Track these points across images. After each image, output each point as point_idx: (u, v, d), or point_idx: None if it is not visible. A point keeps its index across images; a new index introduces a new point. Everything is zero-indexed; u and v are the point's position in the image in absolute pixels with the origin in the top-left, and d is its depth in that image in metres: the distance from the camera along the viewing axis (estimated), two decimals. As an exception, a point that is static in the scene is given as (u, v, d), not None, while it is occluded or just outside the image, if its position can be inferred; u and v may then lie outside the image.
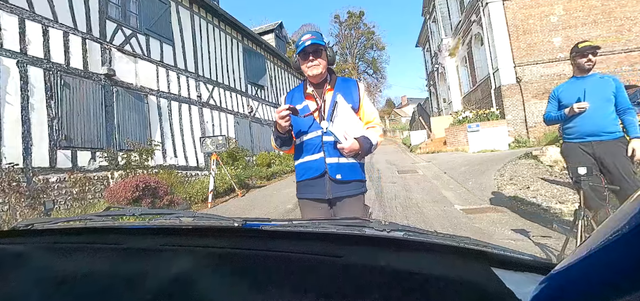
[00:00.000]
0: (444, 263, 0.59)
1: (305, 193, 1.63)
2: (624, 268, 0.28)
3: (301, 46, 1.54)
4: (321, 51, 1.56)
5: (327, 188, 1.56)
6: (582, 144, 2.50)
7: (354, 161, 1.57)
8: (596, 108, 2.40)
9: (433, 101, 23.17)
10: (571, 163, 2.52)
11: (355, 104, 1.59)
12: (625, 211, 0.30)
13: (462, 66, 16.55)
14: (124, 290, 0.63)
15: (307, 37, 1.54)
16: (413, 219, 4.15)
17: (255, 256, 0.67)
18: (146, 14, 7.87)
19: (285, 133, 1.56)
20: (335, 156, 1.54)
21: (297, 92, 1.69)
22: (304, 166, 1.61)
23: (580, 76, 2.55)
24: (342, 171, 1.55)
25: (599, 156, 2.42)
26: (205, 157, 8.90)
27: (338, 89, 1.60)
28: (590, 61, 2.47)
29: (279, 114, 1.46)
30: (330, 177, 1.54)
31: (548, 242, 2.91)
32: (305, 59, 1.56)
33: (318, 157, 1.56)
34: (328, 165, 1.54)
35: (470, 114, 12.45)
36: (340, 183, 1.55)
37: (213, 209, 6.13)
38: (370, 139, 1.55)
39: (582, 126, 2.48)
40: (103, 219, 0.98)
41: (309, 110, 1.59)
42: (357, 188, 1.59)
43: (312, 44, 1.52)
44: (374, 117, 1.64)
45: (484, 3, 12.11)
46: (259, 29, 17.15)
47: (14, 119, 5.10)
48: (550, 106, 2.73)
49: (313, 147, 1.57)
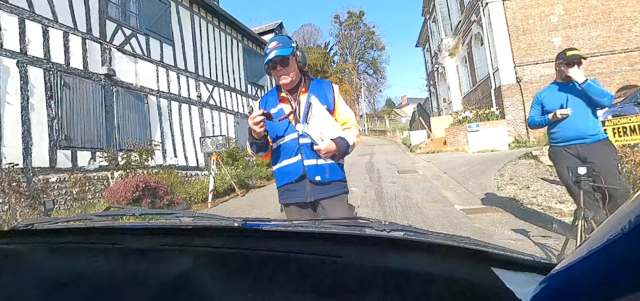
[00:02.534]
0: (444, 263, 0.59)
1: (287, 197, 1.60)
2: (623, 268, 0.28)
3: (267, 58, 1.52)
4: (288, 59, 1.52)
5: (307, 191, 1.53)
6: (567, 147, 2.57)
7: (332, 162, 1.54)
8: (578, 113, 2.50)
9: (433, 101, 23.18)
10: (560, 165, 2.60)
11: (330, 105, 1.57)
12: (625, 211, 0.30)
13: (462, 66, 16.55)
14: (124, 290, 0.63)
15: (272, 46, 1.52)
16: (413, 219, 4.15)
17: (256, 256, 0.67)
18: (146, 14, 7.87)
19: (261, 139, 1.54)
20: (312, 158, 1.52)
21: (271, 97, 1.67)
22: (282, 171, 1.59)
23: (562, 82, 2.62)
24: (321, 172, 1.52)
25: (584, 157, 2.49)
26: (205, 157, 8.90)
27: (312, 90, 1.58)
28: None
29: (253, 120, 1.42)
30: (310, 179, 1.52)
31: (548, 242, 2.91)
32: (274, 69, 1.54)
33: (295, 160, 1.54)
34: (306, 167, 1.52)
35: (470, 114, 12.45)
36: (320, 184, 1.52)
37: (213, 209, 6.13)
38: (346, 139, 1.53)
39: (566, 131, 2.56)
40: (103, 219, 0.98)
41: (284, 113, 1.58)
42: (338, 188, 1.57)
43: (277, 56, 1.49)
44: (349, 118, 1.63)
45: (484, 3, 12.11)
46: (259, 29, 17.14)
47: (14, 119, 5.10)
48: (534, 111, 2.81)
49: (290, 150, 1.55)
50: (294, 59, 1.55)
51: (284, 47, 1.51)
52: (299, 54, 1.57)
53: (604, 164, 2.39)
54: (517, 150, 9.65)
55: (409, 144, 16.41)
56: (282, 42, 1.53)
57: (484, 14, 12.31)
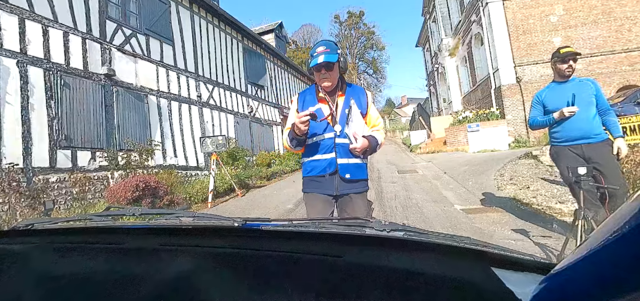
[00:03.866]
0: (444, 263, 0.59)
1: (313, 188, 1.73)
2: (623, 267, 0.28)
3: (314, 62, 1.63)
4: (333, 65, 1.64)
5: (335, 185, 1.68)
6: (571, 147, 2.54)
7: (361, 162, 1.71)
8: (582, 112, 2.46)
9: (433, 101, 23.18)
10: (561, 165, 2.57)
11: (364, 110, 1.73)
12: (625, 211, 0.30)
13: (462, 65, 16.55)
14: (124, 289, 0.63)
15: (320, 51, 1.63)
16: (413, 219, 4.15)
17: (256, 256, 0.67)
18: (146, 14, 7.87)
19: (303, 135, 1.65)
20: (345, 157, 1.67)
21: (309, 95, 1.78)
22: (313, 164, 1.72)
23: (562, 81, 2.61)
24: (351, 170, 1.68)
25: (589, 157, 2.46)
26: (205, 157, 8.90)
27: (349, 95, 1.72)
28: (571, 68, 2.54)
29: (300, 120, 1.55)
30: (341, 176, 1.66)
31: (548, 242, 2.91)
32: (318, 71, 1.66)
33: (330, 157, 1.67)
34: (339, 165, 1.66)
35: (470, 114, 12.46)
36: (348, 181, 1.67)
37: (213, 209, 6.12)
38: (376, 138, 1.71)
39: (571, 130, 2.53)
40: (103, 219, 0.98)
41: (322, 112, 1.70)
42: (363, 186, 1.73)
43: (324, 61, 1.61)
44: (379, 121, 1.80)
45: (484, 3, 12.11)
46: (259, 29, 17.14)
47: (14, 119, 5.09)
48: (535, 111, 2.78)
49: (326, 147, 1.68)
50: (337, 65, 1.67)
51: (331, 54, 1.64)
52: (342, 61, 1.70)
53: (609, 165, 2.37)
54: (517, 150, 9.65)
55: (409, 144, 16.41)
56: (329, 48, 1.65)
57: (484, 14, 12.31)
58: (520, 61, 11.58)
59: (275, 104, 14.31)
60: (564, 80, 2.61)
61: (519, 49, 11.65)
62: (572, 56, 2.51)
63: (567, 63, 2.53)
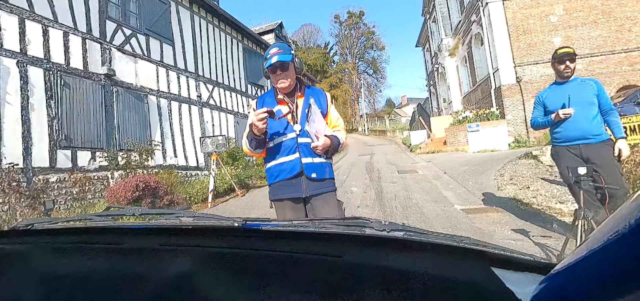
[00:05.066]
0: (444, 263, 0.59)
1: (281, 193, 1.69)
2: (623, 267, 0.28)
3: (268, 63, 1.63)
4: (288, 65, 1.65)
5: (303, 187, 1.65)
6: (570, 147, 2.54)
7: (326, 161, 1.71)
8: (580, 112, 2.45)
9: (433, 101, 23.18)
10: (561, 165, 2.57)
11: (324, 110, 1.74)
12: (625, 211, 0.30)
13: (462, 65, 16.56)
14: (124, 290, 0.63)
15: (274, 52, 1.63)
16: (413, 219, 4.15)
17: (256, 256, 0.67)
18: (146, 14, 7.87)
19: (261, 135, 1.61)
20: (309, 157, 1.65)
21: (268, 98, 1.77)
22: (278, 168, 1.68)
23: (562, 81, 2.61)
24: (317, 170, 1.66)
25: (587, 157, 2.46)
26: (205, 157, 8.89)
27: (308, 95, 1.72)
28: (568, 68, 2.53)
29: (257, 116, 1.51)
30: (307, 176, 1.64)
31: (548, 242, 2.91)
32: (274, 72, 1.66)
33: (294, 158, 1.65)
34: (304, 165, 1.64)
35: (470, 114, 12.46)
36: (315, 181, 1.65)
37: (213, 209, 6.12)
38: (338, 138, 1.71)
39: (569, 131, 2.53)
40: (103, 219, 0.98)
41: (282, 113, 1.69)
42: (331, 185, 1.72)
43: (278, 61, 1.62)
44: (339, 122, 1.80)
45: (484, 3, 12.11)
46: (259, 29, 17.13)
47: (14, 119, 5.09)
48: (536, 112, 2.79)
49: (288, 148, 1.66)
50: (292, 65, 1.68)
51: (285, 54, 1.64)
52: (297, 61, 1.71)
53: (607, 165, 2.37)
54: (517, 150, 9.65)
55: (409, 144, 16.40)
56: (282, 49, 1.65)
57: (484, 14, 12.31)
58: (520, 61, 11.58)
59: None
60: (563, 80, 2.60)
61: (519, 49, 11.66)
62: (569, 57, 2.51)
63: (564, 63, 2.53)
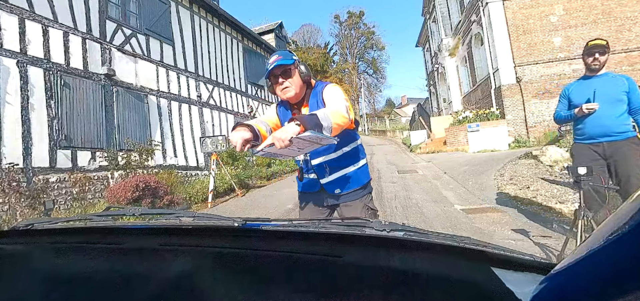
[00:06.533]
0: (444, 263, 0.59)
1: (305, 199, 1.64)
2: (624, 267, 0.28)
3: (268, 70, 1.44)
4: (290, 70, 1.44)
5: (326, 200, 1.56)
6: (592, 145, 2.44)
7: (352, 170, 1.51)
8: (605, 109, 2.33)
9: (433, 101, 23.18)
10: (576, 163, 2.47)
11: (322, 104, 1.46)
12: (625, 211, 0.30)
13: (462, 65, 16.55)
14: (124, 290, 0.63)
15: (273, 60, 1.44)
16: (413, 219, 4.14)
17: (255, 256, 0.67)
18: (146, 14, 7.87)
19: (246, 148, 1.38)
20: (329, 176, 1.50)
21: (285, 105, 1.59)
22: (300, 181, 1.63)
23: (590, 75, 2.47)
24: (340, 185, 1.51)
25: (610, 156, 2.36)
26: (205, 157, 8.90)
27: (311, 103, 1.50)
28: (597, 61, 2.40)
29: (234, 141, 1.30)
30: (329, 193, 1.53)
31: (548, 242, 2.91)
32: (276, 82, 1.46)
33: (312, 176, 1.55)
34: (323, 185, 1.53)
35: (470, 114, 12.46)
36: (340, 195, 1.53)
37: (213, 209, 6.12)
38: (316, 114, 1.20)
39: (591, 128, 2.42)
40: (103, 219, 0.98)
41: None
42: (358, 194, 1.55)
43: (277, 65, 1.41)
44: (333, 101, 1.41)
45: (484, 3, 12.11)
46: (259, 29, 17.15)
47: (14, 119, 5.09)
48: (560, 105, 2.66)
49: (305, 167, 1.55)
50: (296, 71, 1.47)
51: (285, 58, 1.44)
52: (302, 68, 1.48)
53: (628, 163, 2.27)
54: (517, 150, 9.65)
55: (409, 144, 16.40)
56: (282, 55, 1.47)
57: (484, 13, 12.31)
58: (520, 61, 11.58)
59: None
60: (592, 74, 2.46)
61: (519, 49, 11.65)
62: (599, 49, 2.36)
63: (593, 56, 2.39)
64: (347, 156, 1.53)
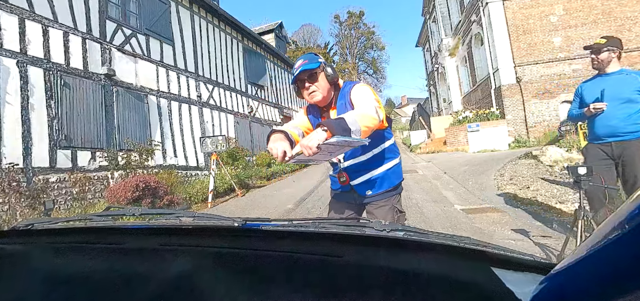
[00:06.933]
0: (444, 263, 0.59)
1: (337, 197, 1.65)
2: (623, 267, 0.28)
3: (294, 75, 1.42)
4: (316, 73, 1.41)
5: (356, 199, 1.56)
6: (601, 145, 2.42)
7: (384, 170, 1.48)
8: (613, 109, 2.29)
9: (433, 101, 23.18)
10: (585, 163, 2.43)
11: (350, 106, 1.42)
12: (625, 211, 0.30)
13: (462, 65, 16.56)
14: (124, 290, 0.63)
15: (299, 65, 1.42)
16: (413, 219, 4.14)
17: (256, 256, 0.67)
18: (146, 14, 7.87)
19: None
20: (361, 176, 1.49)
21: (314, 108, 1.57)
22: (333, 179, 1.62)
23: (601, 73, 2.43)
24: (371, 186, 1.49)
25: (618, 156, 2.34)
26: (205, 157, 8.89)
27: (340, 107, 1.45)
28: (595, 61, 2.39)
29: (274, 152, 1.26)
30: (360, 195, 1.52)
31: (548, 242, 2.91)
32: (302, 87, 1.44)
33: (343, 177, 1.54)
34: (355, 187, 1.51)
35: (470, 114, 12.47)
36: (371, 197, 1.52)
37: (213, 209, 6.12)
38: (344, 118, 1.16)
39: (599, 128, 2.40)
40: (103, 219, 0.98)
41: None
42: (387, 196, 1.52)
43: (303, 70, 1.39)
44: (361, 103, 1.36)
45: (484, 3, 12.11)
46: (259, 29, 17.15)
47: (14, 119, 5.09)
48: (573, 103, 2.60)
49: (336, 168, 1.55)
50: (323, 74, 1.44)
51: (311, 62, 1.42)
52: (329, 70, 1.45)
53: (633, 163, 2.25)
54: (517, 150, 9.66)
55: (409, 144, 16.41)
56: (307, 59, 1.44)
57: (484, 13, 12.32)
58: (520, 61, 11.59)
59: (275, 104, 14.31)
60: (602, 72, 2.42)
61: (519, 49, 11.66)
62: (592, 48, 2.36)
63: (591, 56, 2.39)
64: (377, 158, 1.50)
